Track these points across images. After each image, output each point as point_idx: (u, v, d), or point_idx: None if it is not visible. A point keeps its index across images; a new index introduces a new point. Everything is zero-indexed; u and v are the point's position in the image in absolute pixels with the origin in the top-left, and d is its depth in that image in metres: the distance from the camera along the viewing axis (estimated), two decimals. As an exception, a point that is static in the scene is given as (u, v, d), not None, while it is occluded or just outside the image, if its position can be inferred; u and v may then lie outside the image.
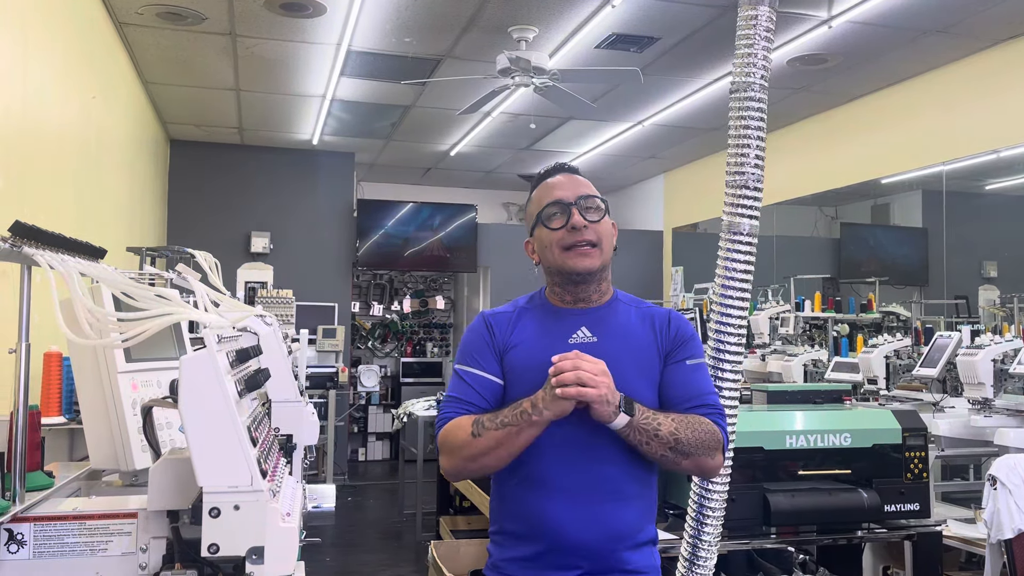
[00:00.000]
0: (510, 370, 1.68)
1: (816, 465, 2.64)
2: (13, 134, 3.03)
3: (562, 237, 1.67)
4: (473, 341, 1.72)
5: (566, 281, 1.71)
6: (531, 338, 1.70)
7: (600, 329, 1.69)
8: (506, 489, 1.69)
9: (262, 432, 1.23)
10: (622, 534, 1.63)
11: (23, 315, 1.23)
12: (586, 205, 1.69)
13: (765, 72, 1.90)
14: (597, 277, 1.71)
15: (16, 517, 1.19)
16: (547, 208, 1.70)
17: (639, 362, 1.68)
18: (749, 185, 1.89)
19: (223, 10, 4.78)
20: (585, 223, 1.67)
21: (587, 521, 1.60)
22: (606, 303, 1.74)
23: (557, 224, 1.68)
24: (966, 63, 5.40)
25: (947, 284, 5.57)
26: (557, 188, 1.72)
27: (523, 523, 1.64)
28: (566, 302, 1.73)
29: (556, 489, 1.61)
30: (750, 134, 1.88)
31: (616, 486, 1.63)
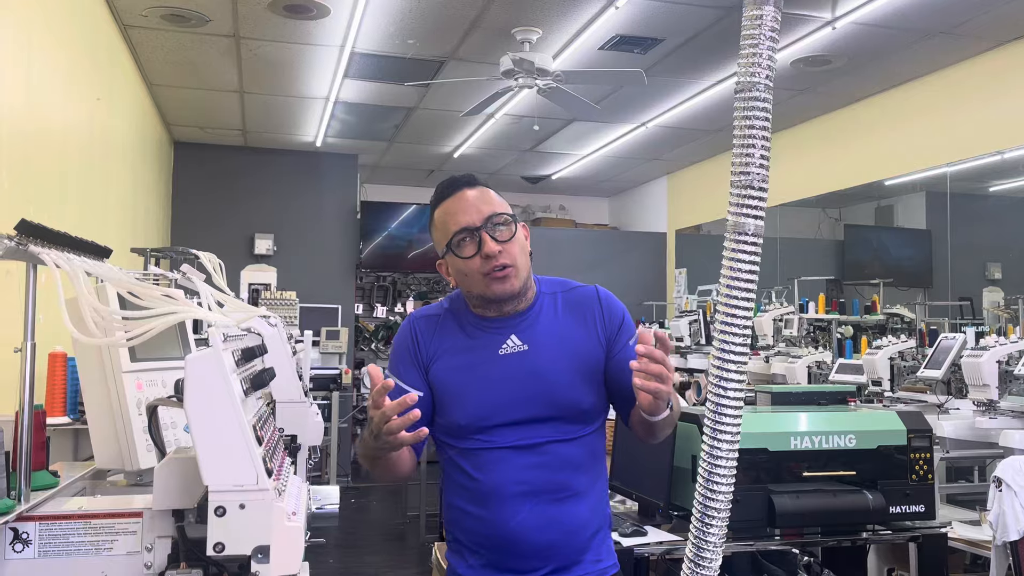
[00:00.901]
0: (438, 384, 1.63)
1: (820, 467, 2.63)
2: (18, 135, 3.03)
3: (478, 265, 1.59)
4: (400, 348, 1.69)
5: (487, 302, 1.64)
6: (456, 350, 1.64)
7: (530, 335, 1.64)
8: (455, 499, 1.66)
9: (267, 431, 1.23)
10: (577, 529, 1.62)
11: (28, 314, 1.23)
12: (495, 224, 1.60)
13: (770, 72, 1.88)
14: (522, 291, 1.64)
15: (21, 516, 1.19)
16: (455, 236, 1.60)
17: (578, 364, 1.64)
18: (754, 185, 1.87)
19: (227, 12, 4.79)
20: (498, 248, 1.58)
21: (541, 524, 1.58)
22: (531, 304, 1.68)
23: (469, 252, 1.59)
24: (970, 64, 5.39)
25: (951, 286, 5.56)
26: (461, 213, 1.61)
27: (476, 532, 1.62)
28: (490, 315, 1.66)
29: (509, 500, 1.59)
30: (755, 134, 1.87)
31: (569, 486, 1.61)
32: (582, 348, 1.65)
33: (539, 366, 1.61)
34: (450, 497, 1.68)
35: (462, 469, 1.64)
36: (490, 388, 1.60)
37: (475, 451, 1.61)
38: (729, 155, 1.94)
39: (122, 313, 1.18)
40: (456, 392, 1.62)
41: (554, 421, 1.61)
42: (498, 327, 1.65)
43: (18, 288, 2.37)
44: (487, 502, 1.60)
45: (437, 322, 1.69)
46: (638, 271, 9.06)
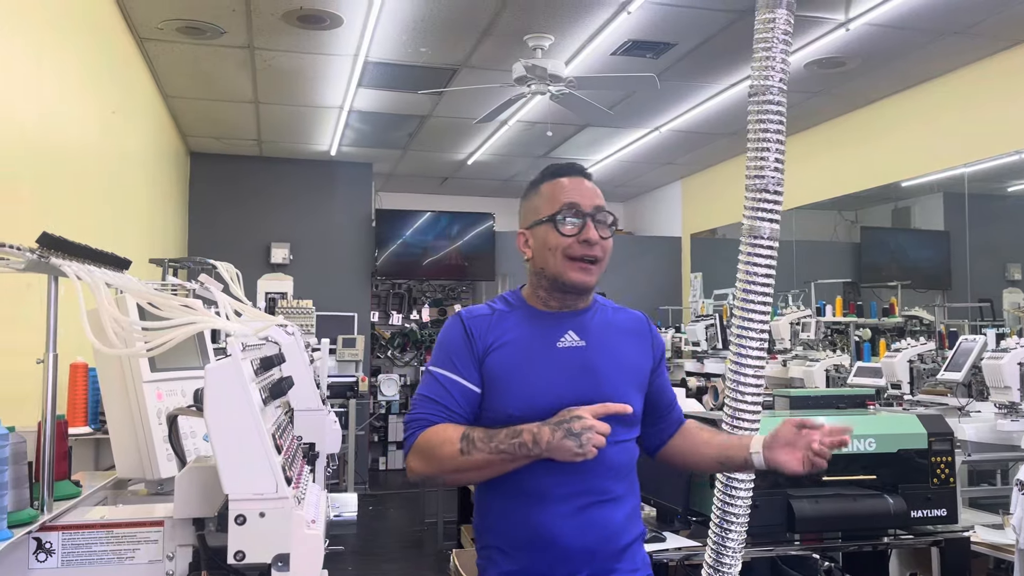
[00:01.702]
0: (491, 375, 1.62)
1: (840, 471, 2.61)
2: (37, 149, 3.07)
3: (571, 246, 1.61)
4: (451, 343, 1.65)
5: (557, 288, 1.66)
6: (515, 342, 1.63)
7: (588, 333, 1.66)
8: (493, 502, 1.65)
9: (286, 439, 1.23)
10: (615, 535, 1.63)
11: (50, 326, 1.25)
12: (600, 219, 1.64)
13: (784, 75, 1.89)
14: (591, 290, 1.70)
15: (45, 526, 1.21)
16: (563, 210, 1.62)
17: (628, 370, 1.68)
18: (769, 189, 1.88)
19: (241, 24, 4.83)
20: (599, 238, 1.62)
21: (580, 526, 1.59)
22: (590, 306, 1.73)
23: (570, 231, 1.61)
24: (986, 64, 5.35)
25: (971, 287, 5.51)
26: (577, 193, 1.64)
27: (515, 535, 1.62)
28: (550, 306, 1.68)
29: (547, 497, 1.59)
30: (769, 137, 1.87)
31: (606, 490, 1.62)
32: (635, 357, 1.72)
33: (594, 363, 1.63)
34: (489, 499, 1.66)
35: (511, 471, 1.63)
36: (545, 379, 1.60)
37: None
38: (744, 158, 1.94)
39: (142, 324, 1.19)
40: (511, 381, 1.61)
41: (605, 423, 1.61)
42: (556, 321, 1.67)
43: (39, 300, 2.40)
44: (529, 502, 1.60)
45: (489, 319, 1.68)
46: (653, 276, 9.04)
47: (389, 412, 9.47)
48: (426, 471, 1.58)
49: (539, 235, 1.66)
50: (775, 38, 1.88)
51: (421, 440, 1.57)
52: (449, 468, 1.54)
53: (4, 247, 1.08)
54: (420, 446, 1.57)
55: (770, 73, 1.88)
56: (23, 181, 2.89)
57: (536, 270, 1.68)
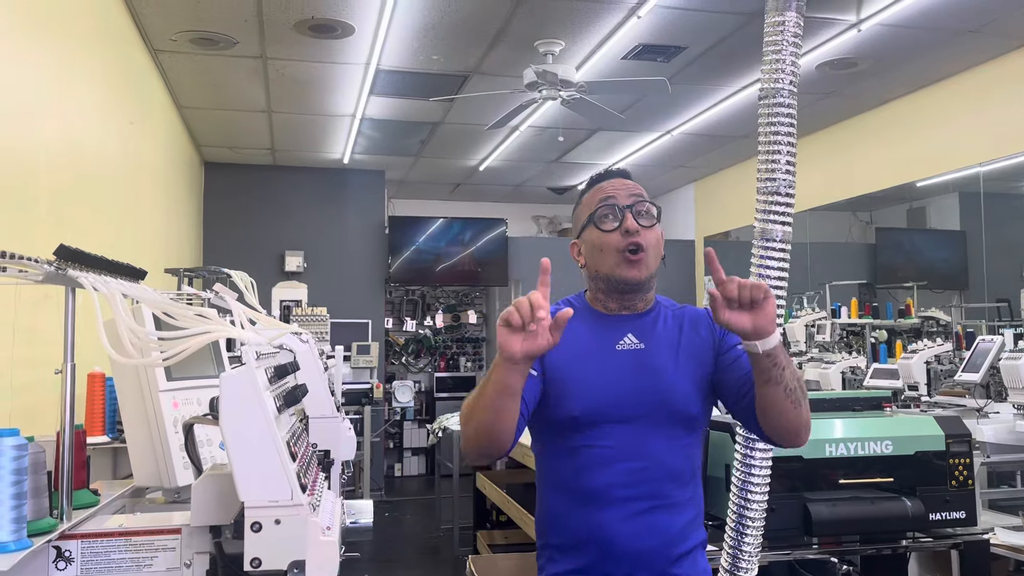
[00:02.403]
0: (551, 374, 1.62)
1: (857, 473, 2.59)
2: (55, 162, 3.11)
3: (615, 240, 1.63)
4: None
5: (612, 289, 1.67)
6: (575, 342, 1.63)
7: (647, 335, 1.67)
8: (554, 502, 1.67)
9: (301, 447, 1.24)
10: (673, 540, 1.62)
11: (68, 336, 1.26)
12: (639, 210, 1.66)
13: (794, 77, 1.89)
14: (645, 286, 1.68)
15: (64, 535, 1.22)
16: (600, 208, 1.66)
17: (691, 369, 1.66)
18: (780, 191, 1.87)
19: (254, 34, 4.87)
20: (638, 227, 1.63)
21: (639, 529, 1.59)
22: (650, 309, 1.72)
23: (610, 226, 1.64)
24: (1000, 62, 5.31)
25: (987, 287, 5.47)
26: (611, 189, 1.69)
27: (573, 535, 1.63)
28: (611, 309, 1.70)
29: (608, 499, 1.60)
30: (780, 140, 1.87)
31: (666, 492, 1.62)
32: (695, 354, 1.68)
33: (654, 365, 1.63)
34: (550, 498, 1.68)
35: (567, 468, 1.64)
36: (605, 381, 1.61)
37: (583, 448, 1.62)
38: (755, 160, 1.93)
39: (158, 334, 1.21)
40: (572, 382, 1.62)
41: (662, 424, 1.62)
42: (616, 324, 1.68)
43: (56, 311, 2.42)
44: (589, 503, 1.61)
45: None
46: (667, 279, 8.93)
47: (404, 419, 9.48)
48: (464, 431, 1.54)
49: (587, 239, 1.69)
50: (785, 41, 1.88)
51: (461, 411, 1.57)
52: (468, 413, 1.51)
53: (23, 259, 1.09)
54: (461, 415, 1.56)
55: (780, 76, 1.88)
56: (42, 194, 2.92)
57: (591, 275, 1.70)
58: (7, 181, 2.60)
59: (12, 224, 2.63)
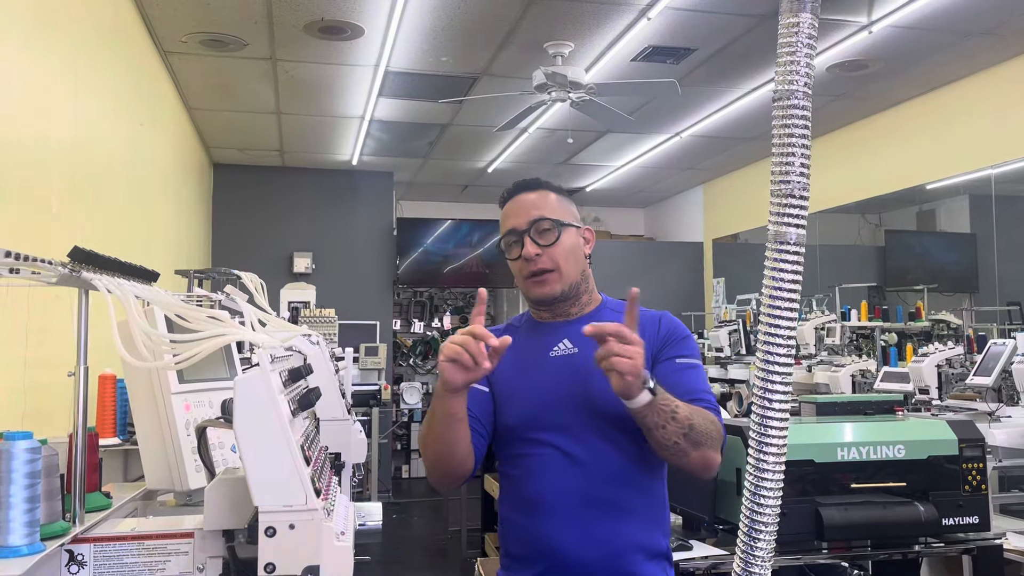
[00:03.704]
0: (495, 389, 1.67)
1: (869, 478, 2.58)
2: (66, 163, 3.11)
3: (521, 267, 1.67)
4: None
5: (536, 304, 1.73)
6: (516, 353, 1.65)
7: (582, 340, 1.63)
8: (506, 512, 1.68)
9: (314, 451, 1.24)
10: (624, 550, 1.59)
11: (81, 338, 1.26)
12: (539, 228, 1.66)
13: (808, 79, 1.87)
14: (568, 295, 1.69)
15: (77, 538, 1.22)
16: (504, 239, 1.71)
17: None
18: (795, 194, 1.85)
19: (263, 36, 4.88)
20: (537, 251, 1.65)
21: (586, 539, 1.57)
22: (590, 312, 1.72)
23: (514, 255, 1.69)
24: (1012, 64, 5.29)
25: (999, 290, 5.44)
26: (511, 216, 1.71)
27: (525, 545, 1.63)
28: (545, 318, 1.74)
29: (553, 509, 1.58)
30: (794, 142, 1.85)
31: (615, 501, 1.59)
32: None
33: (586, 368, 1.60)
34: (502, 509, 1.69)
35: (512, 478, 1.65)
36: (538, 388, 1.63)
37: (523, 457, 1.62)
38: (765, 163, 1.93)
39: (171, 336, 1.20)
40: (508, 392, 1.65)
41: (598, 429, 1.60)
42: (552, 330, 1.70)
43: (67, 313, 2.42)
44: (534, 512, 1.60)
45: (498, 334, 1.71)
46: (675, 281, 8.99)
47: (412, 420, 9.48)
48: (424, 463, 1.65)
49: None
50: (799, 42, 1.86)
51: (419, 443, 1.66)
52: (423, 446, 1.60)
53: (37, 261, 1.09)
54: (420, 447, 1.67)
55: (795, 78, 1.86)
56: (53, 195, 2.93)
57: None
58: (19, 182, 2.60)
59: (23, 225, 2.63)
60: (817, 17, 1.89)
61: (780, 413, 1.90)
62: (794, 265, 1.89)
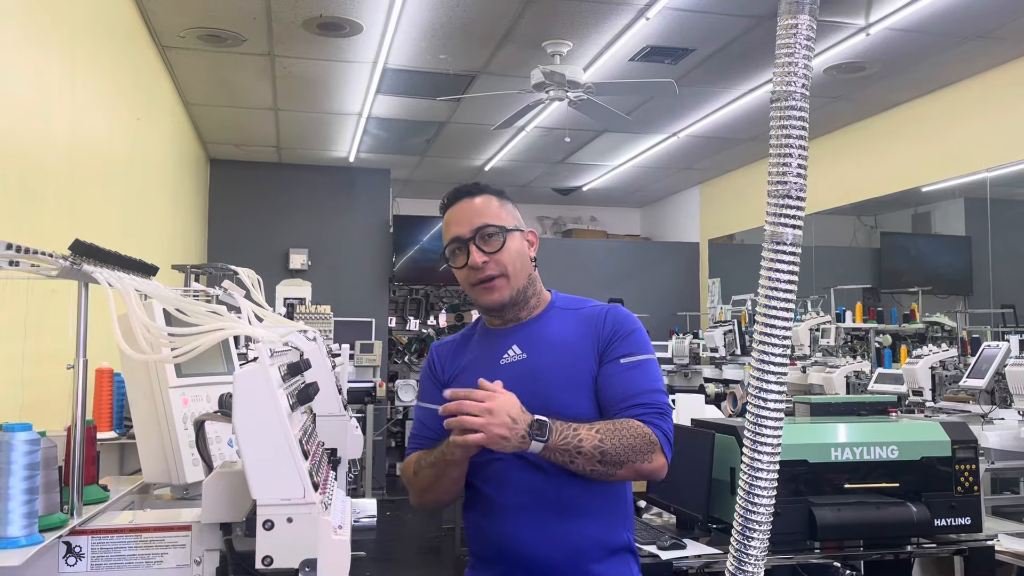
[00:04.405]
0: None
1: (862, 478, 2.59)
2: (63, 156, 3.11)
3: (467, 275, 1.66)
4: (423, 376, 1.79)
5: (485, 312, 1.72)
6: (470, 364, 1.70)
7: (530, 344, 1.67)
8: (470, 513, 1.70)
9: (312, 445, 1.24)
10: (584, 548, 1.60)
11: (81, 332, 1.26)
12: (484, 235, 1.65)
13: (806, 81, 1.88)
14: (517, 300, 1.68)
15: (74, 530, 1.22)
16: (448, 247, 1.69)
17: (571, 372, 1.63)
18: (792, 195, 1.86)
19: (262, 31, 4.88)
20: (484, 258, 1.63)
21: (545, 539, 1.58)
22: (538, 315, 1.72)
23: (460, 263, 1.67)
24: (1008, 68, 5.31)
25: (993, 293, 5.46)
26: (454, 224, 1.68)
27: (487, 546, 1.65)
28: (495, 324, 1.74)
29: (513, 509, 1.60)
30: (792, 143, 1.86)
31: (572, 501, 1.60)
32: (577, 356, 1.65)
33: (535, 373, 1.63)
34: (465, 511, 1.72)
35: (473, 486, 1.67)
36: None
37: (482, 463, 1.62)
38: (762, 164, 1.94)
39: (170, 329, 1.21)
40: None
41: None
42: (502, 337, 1.70)
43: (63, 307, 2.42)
44: (494, 515, 1.62)
45: (454, 346, 1.78)
46: (671, 281, 9.01)
47: (406, 418, 9.47)
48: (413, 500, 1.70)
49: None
50: (798, 44, 1.87)
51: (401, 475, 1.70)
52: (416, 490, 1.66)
53: (38, 254, 1.09)
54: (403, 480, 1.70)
55: (793, 79, 1.87)
56: (49, 189, 2.93)
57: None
58: (15, 176, 2.60)
59: (20, 219, 2.63)
60: (815, 19, 1.90)
61: (775, 413, 1.91)
62: (790, 266, 1.90)
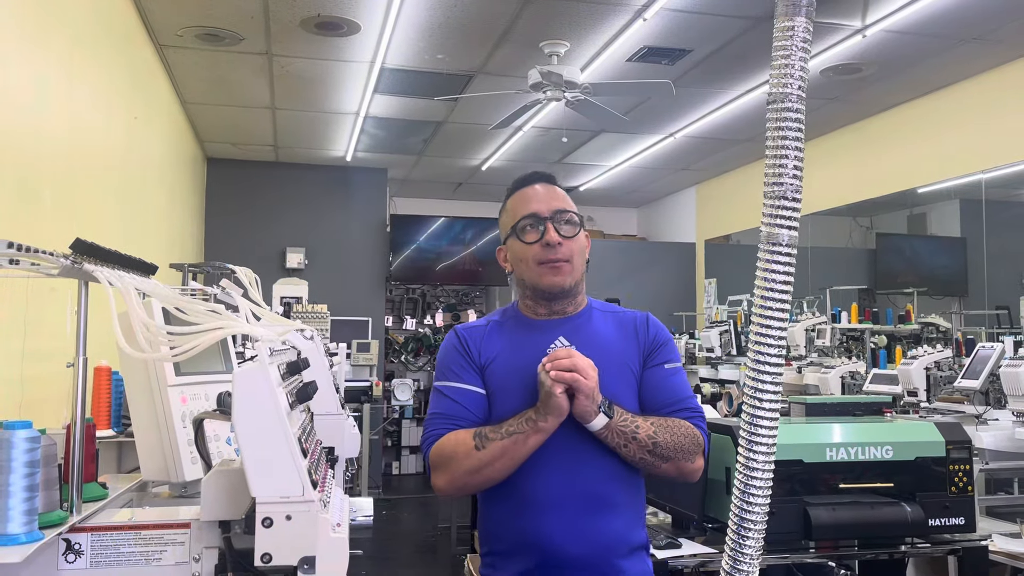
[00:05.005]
0: (490, 387, 1.67)
1: (856, 478, 2.60)
2: (60, 154, 3.11)
3: (536, 252, 1.66)
4: (450, 356, 1.72)
5: (539, 295, 1.71)
6: (508, 351, 1.68)
7: (577, 338, 1.68)
8: (493, 508, 1.68)
9: (311, 443, 1.25)
10: (613, 543, 1.61)
11: (80, 330, 1.27)
12: (562, 220, 1.67)
13: (803, 82, 1.89)
14: (571, 292, 1.70)
15: (74, 528, 1.22)
16: (522, 220, 1.68)
17: (619, 370, 1.67)
18: (788, 196, 1.87)
19: (259, 30, 4.88)
20: (560, 240, 1.65)
21: (577, 533, 1.59)
22: (581, 312, 1.74)
23: (531, 238, 1.67)
24: (1003, 71, 5.33)
25: (988, 294, 5.48)
26: (533, 200, 1.70)
27: (512, 541, 1.64)
28: (539, 315, 1.73)
29: (545, 504, 1.60)
30: (788, 144, 1.86)
31: (605, 496, 1.61)
32: (624, 355, 1.69)
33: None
34: (488, 506, 1.69)
35: None
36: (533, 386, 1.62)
37: None
38: (759, 164, 1.95)
39: (170, 328, 1.21)
40: (504, 389, 1.65)
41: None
42: (547, 328, 1.70)
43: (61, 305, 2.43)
44: (523, 508, 1.61)
45: (484, 331, 1.74)
46: (667, 282, 9.03)
47: (403, 417, 9.49)
48: (447, 481, 1.61)
49: (511, 248, 1.72)
50: (794, 46, 1.88)
51: (434, 453, 1.62)
52: (467, 467, 1.57)
53: (38, 253, 1.10)
54: (435, 459, 1.62)
55: (789, 81, 1.88)
56: (46, 188, 2.93)
57: (518, 281, 1.74)
58: (12, 174, 2.60)
59: (16, 217, 2.63)
60: (812, 21, 1.91)
61: (770, 413, 1.92)
62: (786, 267, 1.91)
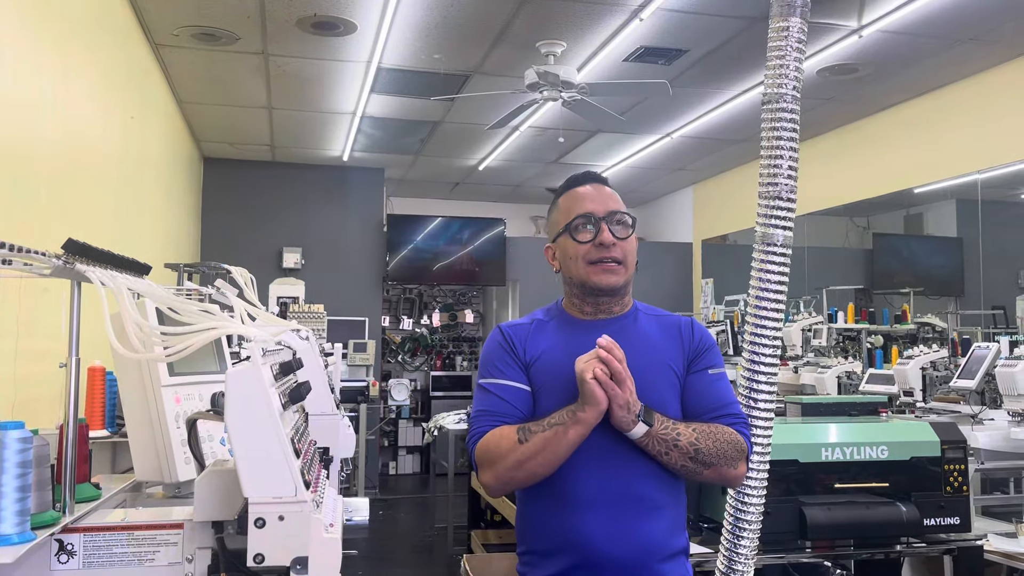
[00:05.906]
0: (535, 384, 1.66)
1: (852, 478, 2.60)
2: (56, 153, 3.11)
3: (588, 251, 1.67)
4: (495, 353, 1.71)
5: (588, 294, 1.71)
6: (554, 349, 1.67)
7: (623, 339, 1.66)
8: (533, 507, 1.67)
9: (304, 444, 1.25)
10: (654, 546, 1.61)
11: (73, 330, 1.26)
12: (616, 221, 1.68)
13: (797, 83, 1.90)
14: (621, 292, 1.71)
15: (67, 528, 1.22)
16: (576, 219, 1.68)
17: (664, 372, 1.67)
18: (782, 196, 1.88)
19: (256, 30, 4.87)
20: (614, 240, 1.66)
21: (618, 535, 1.58)
22: (627, 313, 1.74)
23: (585, 237, 1.67)
24: (999, 71, 5.34)
25: (984, 294, 5.49)
26: (588, 200, 1.70)
27: (552, 540, 1.63)
28: (586, 313, 1.73)
29: (586, 503, 1.59)
30: (783, 145, 1.88)
31: (646, 498, 1.61)
32: (668, 358, 1.70)
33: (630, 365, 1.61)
34: (529, 504, 1.68)
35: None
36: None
37: None
38: (756, 164, 1.94)
39: (163, 328, 1.21)
40: (549, 387, 1.64)
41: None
42: (593, 328, 1.69)
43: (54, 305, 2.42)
44: (567, 507, 1.60)
45: (529, 329, 1.73)
46: (664, 282, 9.03)
47: (399, 417, 9.49)
48: (494, 478, 1.60)
49: (562, 246, 1.72)
50: (789, 46, 1.89)
51: (480, 450, 1.61)
52: (511, 462, 1.56)
53: (30, 253, 1.10)
54: (481, 455, 1.61)
55: (784, 81, 1.89)
56: (41, 187, 2.92)
57: (567, 279, 1.74)
58: (7, 173, 2.60)
59: (11, 217, 2.63)
60: (807, 21, 1.92)
61: (765, 413, 1.93)
62: (780, 267, 1.92)
